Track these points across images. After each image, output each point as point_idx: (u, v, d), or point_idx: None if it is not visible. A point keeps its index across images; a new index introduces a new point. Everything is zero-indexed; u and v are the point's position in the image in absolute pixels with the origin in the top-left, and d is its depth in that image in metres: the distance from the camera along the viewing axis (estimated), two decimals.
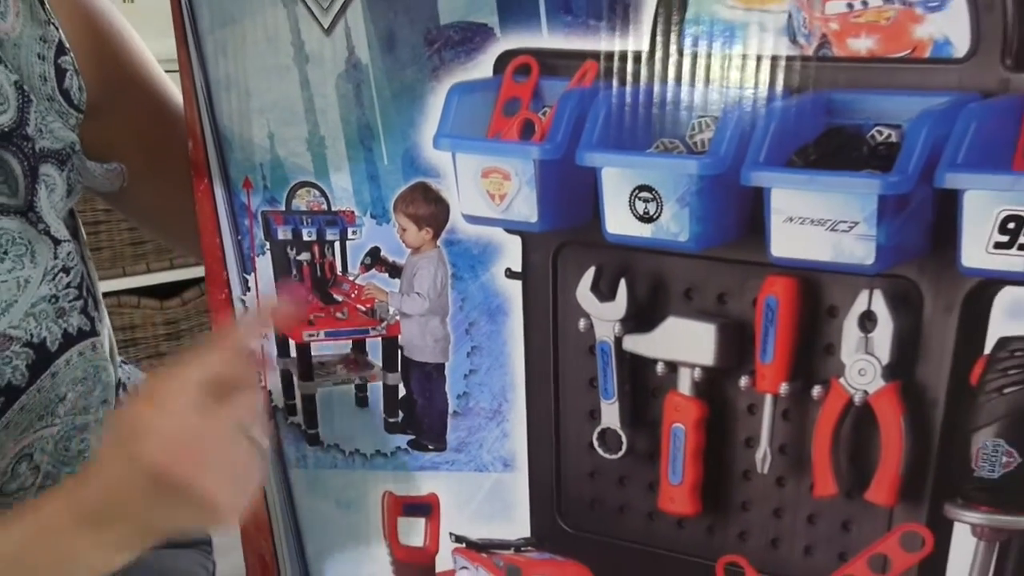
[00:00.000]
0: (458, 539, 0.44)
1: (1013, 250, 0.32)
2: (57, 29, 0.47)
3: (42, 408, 0.48)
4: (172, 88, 0.53)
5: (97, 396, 0.52)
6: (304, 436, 0.45)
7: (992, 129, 0.32)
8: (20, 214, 0.46)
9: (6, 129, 0.45)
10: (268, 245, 0.42)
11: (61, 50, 0.47)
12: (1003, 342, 0.34)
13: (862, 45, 0.33)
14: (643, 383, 0.39)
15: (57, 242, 0.48)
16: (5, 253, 0.46)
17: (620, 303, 0.38)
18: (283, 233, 0.42)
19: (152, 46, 0.53)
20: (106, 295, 0.54)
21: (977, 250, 0.33)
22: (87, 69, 0.49)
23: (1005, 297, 0.34)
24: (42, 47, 0.46)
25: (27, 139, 0.46)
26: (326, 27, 0.38)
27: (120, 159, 0.52)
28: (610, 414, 0.40)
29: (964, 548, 0.37)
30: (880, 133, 0.33)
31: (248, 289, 0.44)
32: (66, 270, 0.49)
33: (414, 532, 0.45)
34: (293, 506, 0.47)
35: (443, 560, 0.45)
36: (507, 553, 0.44)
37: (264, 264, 0.43)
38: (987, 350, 0.34)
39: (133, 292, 1.69)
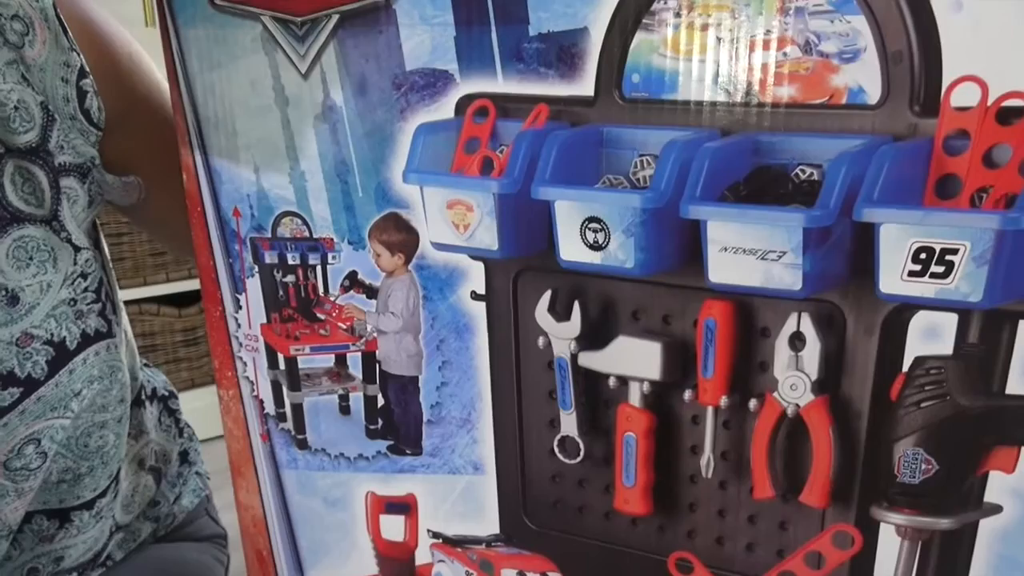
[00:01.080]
0: (435, 535, 0.49)
1: (925, 278, 0.35)
2: (79, 55, 0.52)
3: (57, 401, 0.53)
4: None
5: (115, 395, 0.57)
6: (294, 441, 0.50)
7: (904, 168, 0.35)
8: (45, 223, 0.52)
9: (33, 145, 0.50)
10: (256, 268, 0.46)
11: (82, 74, 0.52)
12: (919, 361, 0.37)
13: (785, 92, 0.36)
14: (597, 395, 0.43)
15: (77, 249, 0.53)
16: (30, 259, 0.51)
17: (575, 323, 0.42)
18: (270, 257, 0.46)
19: None
20: (127, 303, 0.58)
21: (893, 278, 0.36)
22: (105, 90, 0.54)
23: (919, 320, 0.37)
24: (65, 71, 0.52)
25: (50, 154, 0.51)
26: (303, 72, 0.42)
27: (136, 173, 0.57)
28: (568, 423, 0.44)
29: (890, 546, 0.40)
30: (803, 172, 0.37)
31: (240, 307, 0.48)
32: (84, 275, 0.54)
33: (395, 528, 0.49)
34: (286, 504, 0.52)
35: (422, 553, 0.49)
36: (479, 548, 0.48)
37: (253, 285, 0.47)
38: (905, 368, 0.38)
39: (153, 300, 1.77)
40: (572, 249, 0.40)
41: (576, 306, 0.41)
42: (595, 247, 0.40)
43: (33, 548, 0.58)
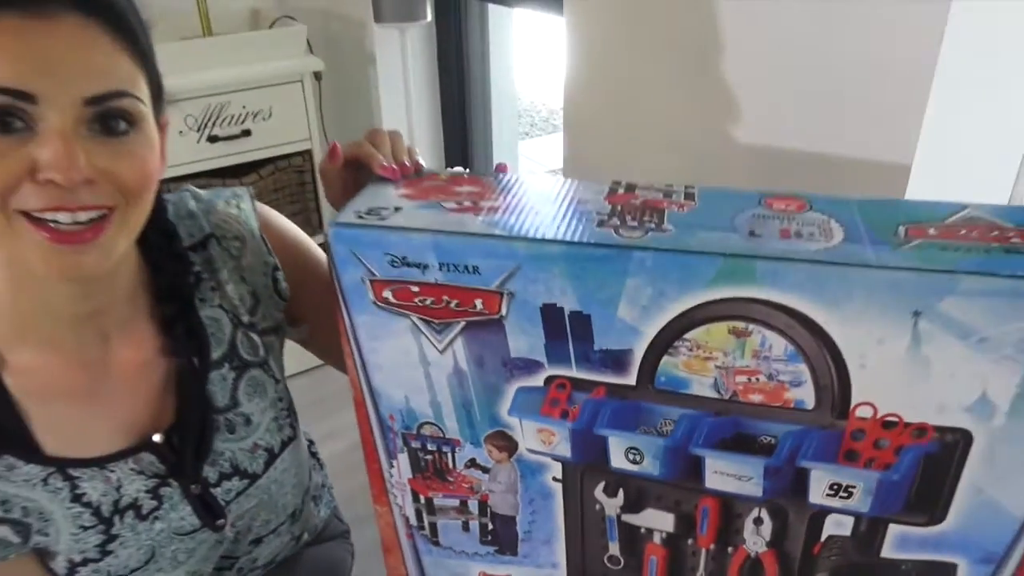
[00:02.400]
0: None
1: (835, 498, 0.57)
2: (272, 256, 0.73)
3: (265, 487, 0.77)
4: None
5: (294, 473, 0.81)
6: (430, 541, 0.73)
7: (825, 442, 0.56)
8: (260, 366, 0.75)
9: (250, 321, 0.74)
10: (405, 448, 0.68)
11: (276, 268, 0.75)
12: (830, 538, 0.60)
13: (756, 397, 0.56)
14: (633, 536, 0.65)
15: (276, 381, 0.77)
16: (254, 391, 0.74)
17: (619, 499, 0.64)
18: (414, 444, 0.67)
19: None
20: None
21: (817, 495, 0.58)
22: (287, 274, 0.74)
23: (832, 517, 0.59)
24: (265, 268, 0.75)
25: (257, 324, 0.75)
26: (440, 350, 0.61)
27: (305, 322, 0.79)
28: (614, 548, 0.67)
29: None
30: (765, 439, 0.57)
31: (392, 467, 0.70)
32: (280, 399, 0.77)
33: None
34: (421, 567, 0.76)
35: None
36: None
37: (403, 457, 0.68)
38: (822, 539, 0.60)
39: None
40: (619, 462, 0.61)
41: (621, 490, 0.63)
42: (634, 462, 0.61)
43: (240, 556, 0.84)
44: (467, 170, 0.68)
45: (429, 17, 1.72)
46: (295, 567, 0.95)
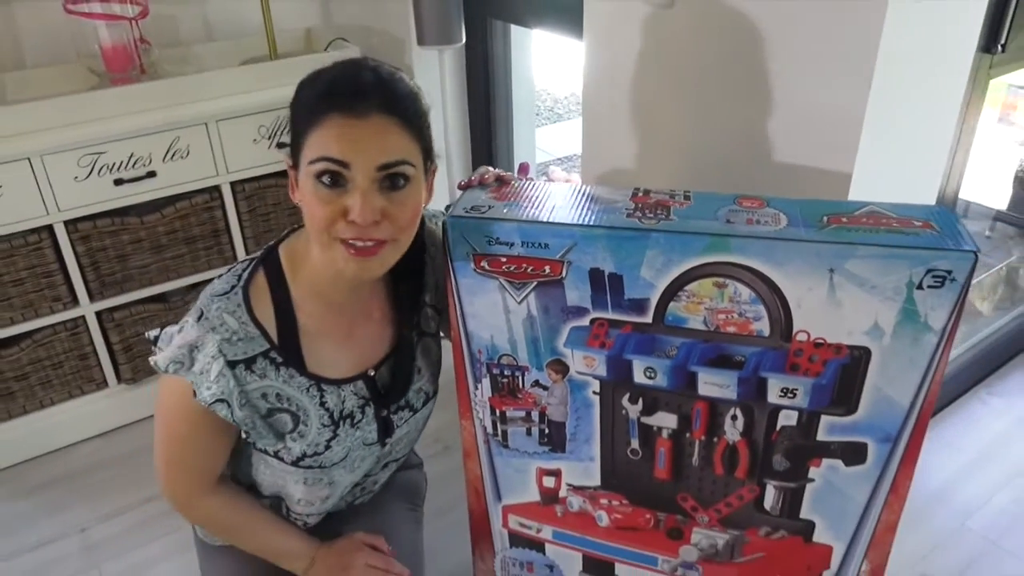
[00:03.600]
0: (569, 484, 1.02)
1: (785, 399, 0.86)
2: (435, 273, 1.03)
3: (416, 423, 1.06)
4: None
5: (426, 418, 1.10)
6: (501, 444, 1.01)
7: (777, 358, 0.84)
8: (432, 336, 1.04)
9: (433, 303, 1.03)
10: (488, 374, 0.96)
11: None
12: (784, 428, 0.88)
13: (731, 329, 0.84)
14: (648, 432, 0.94)
15: (438, 347, 1.06)
16: (426, 354, 1.04)
17: (639, 406, 0.92)
18: (495, 370, 0.95)
19: None
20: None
21: (774, 396, 0.86)
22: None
23: (784, 412, 0.87)
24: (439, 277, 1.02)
25: (440, 310, 1.04)
26: (518, 301, 0.89)
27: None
28: (634, 443, 0.95)
29: (771, 493, 0.93)
30: (738, 357, 0.85)
31: (477, 389, 0.98)
32: (437, 361, 1.07)
33: (550, 481, 1.02)
34: (493, 469, 1.04)
35: (562, 493, 1.03)
36: (589, 490, 1.01)
37: (486, 381, 0.97)
38: (777, 428, 0.89)
39: None
40: (639, 377, 0.90)
41: (640, 399, 0.92)
42: (650, 378, 0.89)
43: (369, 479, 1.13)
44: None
45: (463, 40, 2.00)
46: (391, 484, 1.23)
